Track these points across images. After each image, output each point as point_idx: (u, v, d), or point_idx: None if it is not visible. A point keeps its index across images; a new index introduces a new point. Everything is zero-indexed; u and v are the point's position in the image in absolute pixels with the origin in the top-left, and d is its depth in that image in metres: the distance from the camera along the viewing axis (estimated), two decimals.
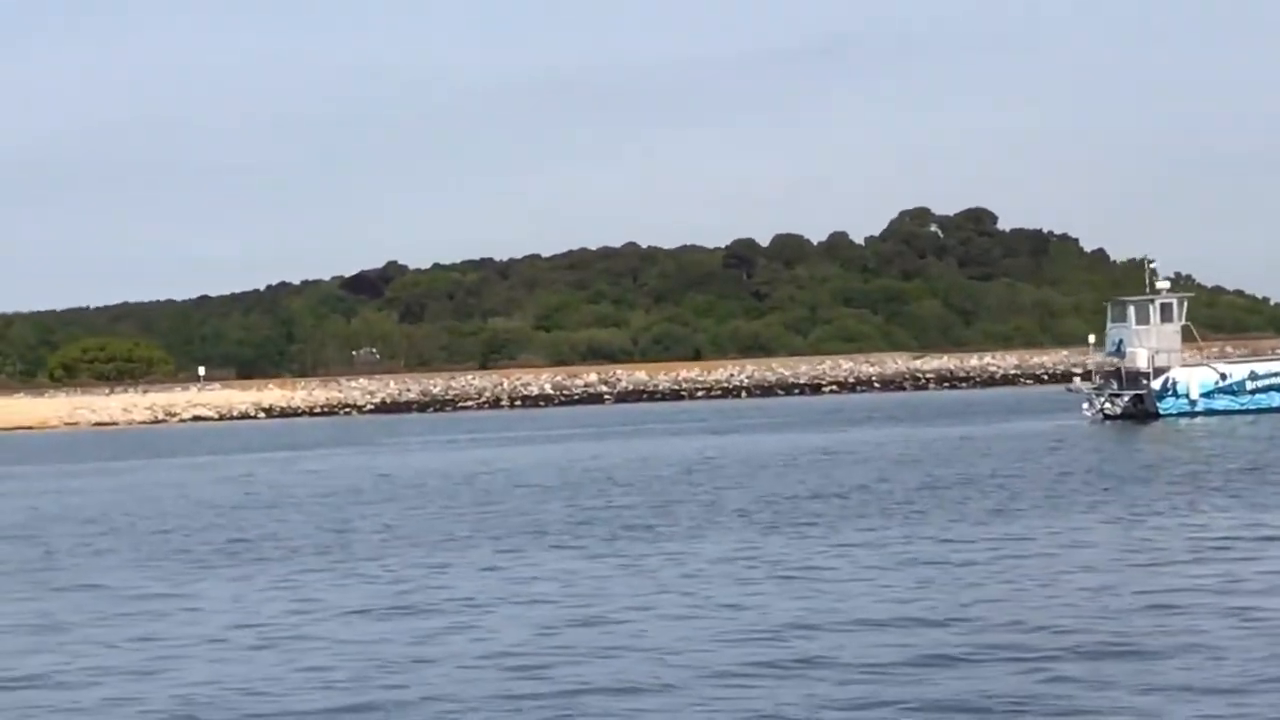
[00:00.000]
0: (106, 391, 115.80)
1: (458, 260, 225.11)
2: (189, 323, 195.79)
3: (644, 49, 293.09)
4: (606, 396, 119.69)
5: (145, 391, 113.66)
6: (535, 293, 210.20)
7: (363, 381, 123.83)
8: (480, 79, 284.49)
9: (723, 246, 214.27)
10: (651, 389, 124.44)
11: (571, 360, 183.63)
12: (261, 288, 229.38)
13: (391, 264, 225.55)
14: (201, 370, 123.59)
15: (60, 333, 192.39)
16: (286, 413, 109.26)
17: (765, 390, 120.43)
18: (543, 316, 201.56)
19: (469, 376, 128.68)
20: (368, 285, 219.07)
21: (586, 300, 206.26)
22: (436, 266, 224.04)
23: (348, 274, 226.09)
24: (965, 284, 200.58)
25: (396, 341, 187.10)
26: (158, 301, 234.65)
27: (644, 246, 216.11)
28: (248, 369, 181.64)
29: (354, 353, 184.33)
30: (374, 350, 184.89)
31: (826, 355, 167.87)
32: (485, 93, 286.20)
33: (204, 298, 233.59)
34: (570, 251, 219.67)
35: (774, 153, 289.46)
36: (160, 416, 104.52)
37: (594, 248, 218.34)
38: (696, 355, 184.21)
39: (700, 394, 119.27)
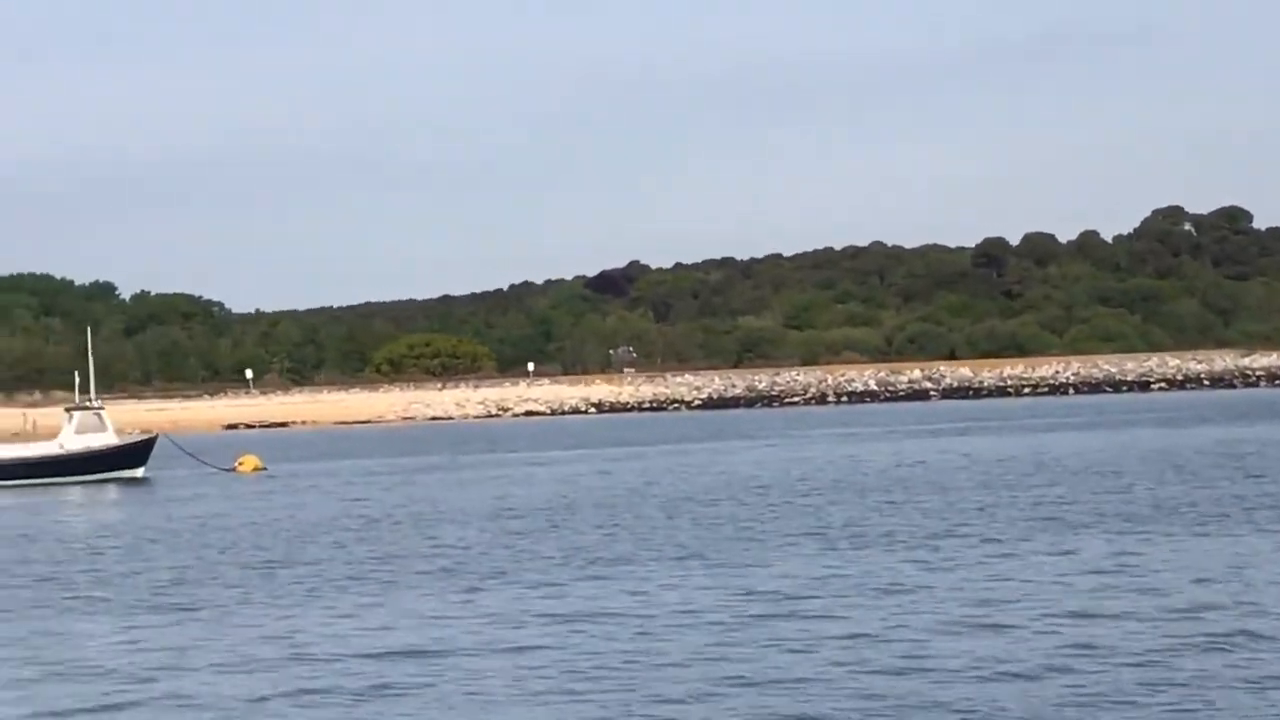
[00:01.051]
0: (439, 387, 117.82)
1: (699, 260, 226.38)
2: (451, 321, 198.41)
3: (876, 45, 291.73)
4: (932, 393, 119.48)
5: (476, 387, 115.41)
6: (782, 292, 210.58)
7: (688, 377, 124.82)
8: (712, 78, 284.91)
9: (968, 246, 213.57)
10: (976, 385, 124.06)
11: (825, 359, 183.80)
12: (505, 287, 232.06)
13: (634, 263, 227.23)
14: (531, 366, 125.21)
15: (324, 331, 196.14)
16: (615, 408, 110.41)
17: (1092, 387, 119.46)
18: (792, 316, 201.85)
19: (793, 372, 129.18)
20: (612, 284, 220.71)
21: (834, 299, 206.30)
22: (679, 266, 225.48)
23: (589, 273, 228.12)
24: (1223, 283, 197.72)
25: (653, 340, 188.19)
26: (399, 301, 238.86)
27: (889, 245, 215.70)
28: (506, 366, 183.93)
29: (611, 351, 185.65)
30: (631, 349, 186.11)
31: (1085, 355, 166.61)
32: (718, 91, 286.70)
33: (446, 297, 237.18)
34: (815, 251, 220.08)
35: (1010, 151, 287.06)
36: (493, 411, 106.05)
37: (838, 247, 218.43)
38: (952, 354, 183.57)
39: (1026, 391, 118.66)
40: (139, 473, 63.40)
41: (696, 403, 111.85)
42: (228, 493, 53.26)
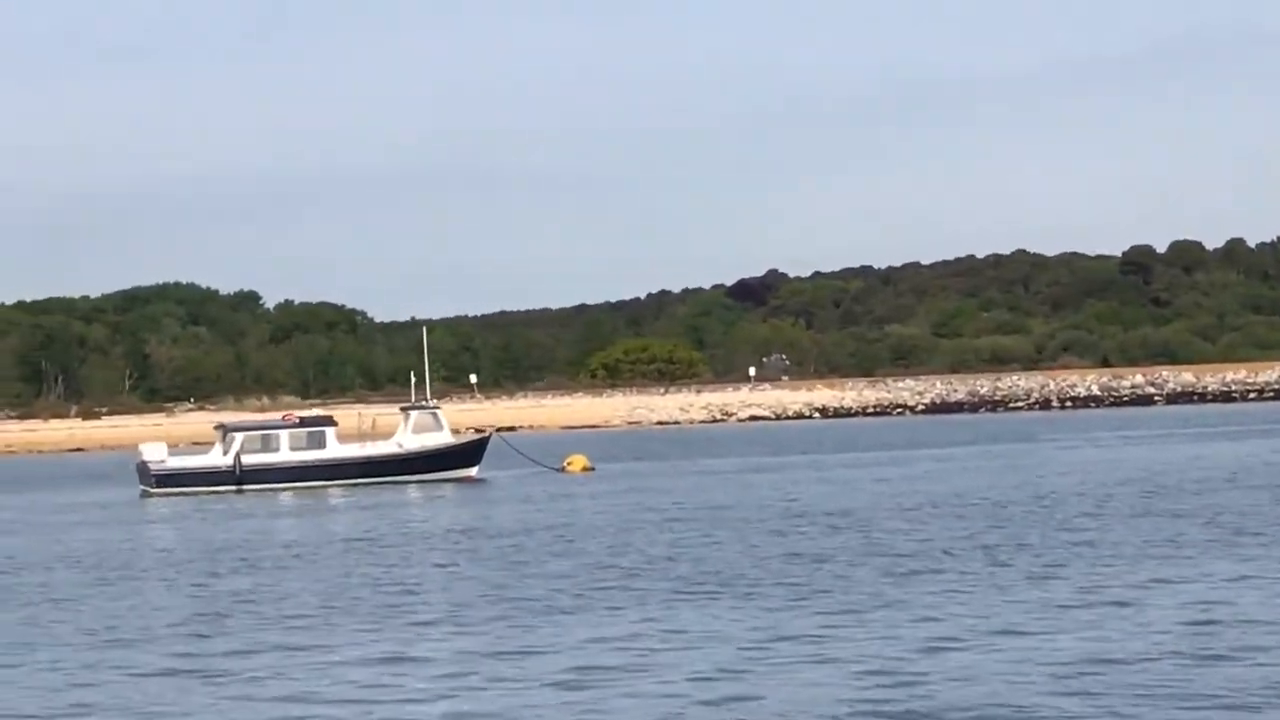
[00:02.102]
0: (661, 391, 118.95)
1: (838, 268, 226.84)
2: (601, 329, 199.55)
3: (1015, 53, 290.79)
4: (1156, 398, 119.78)
5: (699, 392, 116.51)
6: (925, 300, 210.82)
7: (909, 382, 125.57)
8: (848, 87, 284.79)
9: (1108, 254, 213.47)
10: (1201, 390, 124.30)
11: (974, 367, 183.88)
12: (642, 296, 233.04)
13: (772, 271, 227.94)
14: (752, 371, 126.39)
15: (479, 339, 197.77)
16: (839, 413, 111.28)
17: None
18: (939, 324, 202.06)
19: (1014, 378, 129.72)
20: (752, 292, 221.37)
21: (979, 307, 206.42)
22: (817, 274, 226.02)
23: (727, 282, 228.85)
24: None
25: (806, 348, 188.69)
26: (534, 310, 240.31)
27: (1032, 253, 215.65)
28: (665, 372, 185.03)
29: (764, 359, 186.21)
30: (784, 356, 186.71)
31: (1239, 363, 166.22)
32: (854, 101, 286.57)
33: (582, 306, 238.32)
34: (956, 259, 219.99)
35: (1152, 158, 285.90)
36: (717, 416, 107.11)
37: (980, 255, 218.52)
38: (1105, 362, 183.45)
39: (1252, 396, 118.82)
40: (473, 472, 64.31)
41: (920, 408, 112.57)
42: (589, 490, 53.93)
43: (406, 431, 64.91)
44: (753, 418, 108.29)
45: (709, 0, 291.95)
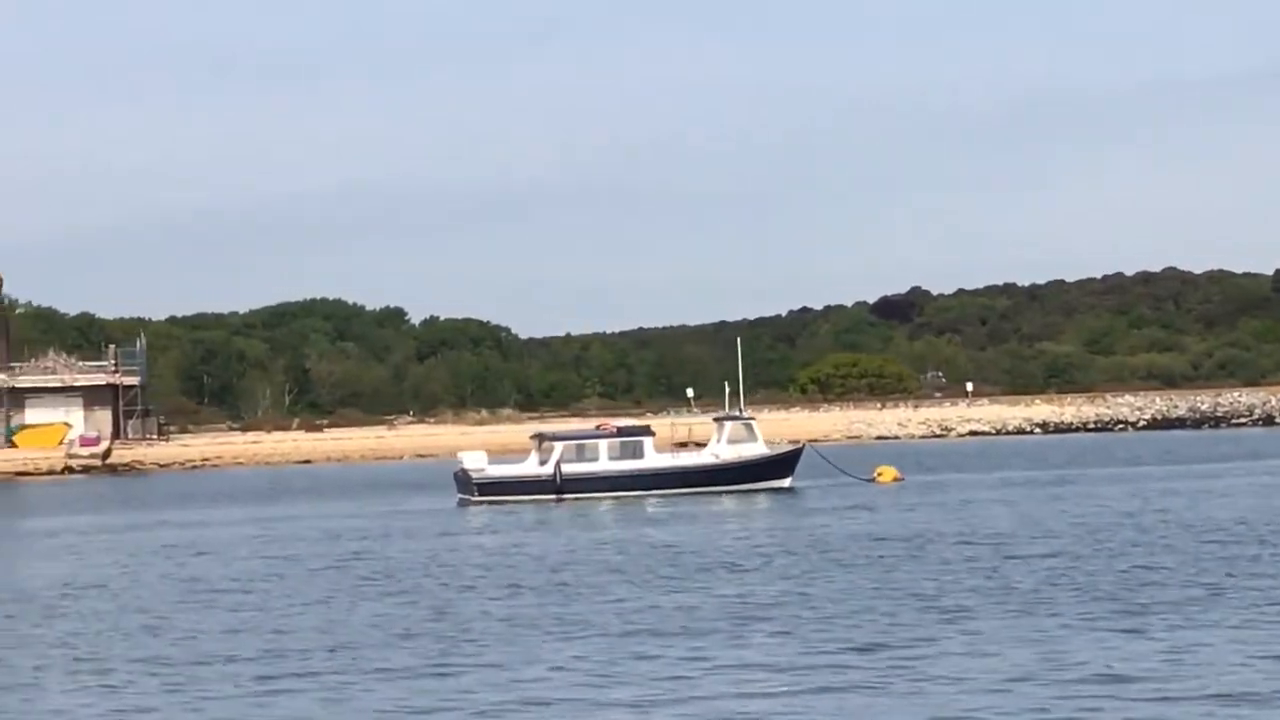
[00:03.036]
0: (878, 406, 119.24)
1: (980, 285, 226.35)
2: (757, 346, 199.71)
3: (1157, 68, 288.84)
4: None
5: (916, 407, 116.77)
6: (1074, 317, 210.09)
7: (1129, 398, 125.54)
8: (989, 104, 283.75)
9: (1257, 272, 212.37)
10: None
11: (1131, 384, 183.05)
12: (783, 313, 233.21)
13: (915, 289, 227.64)
14: (969, 386, 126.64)
15: (634, 355, 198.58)
16: (1060, 428, 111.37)
17: None
18: (1090, 341, 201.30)
19: (1235, 393, 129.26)
20: (897, 309, 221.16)
21: (1130, 325, 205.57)
22: (961, 291, 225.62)
23: (869, 299, 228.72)
24: None
25: (961, 365, 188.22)
26: (670, 327, 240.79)
27: (1183, 270, 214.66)
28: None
29: (921, 376, 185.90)
30: (940, 373, 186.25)
31: None
32: (995, 117, 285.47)
33: (722, 323, 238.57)
34: (1105, 276, 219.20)
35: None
36: (936, 431, 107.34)
37: (1129, 273, 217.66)
38: (1263, 380, 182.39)
39: None
40: (786, 483, 64.65)
41: (1141, 423, 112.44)
42: (921, 501, 54.32)
43: (721, 442, 65.37)
44: (972, 433, 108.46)
45: (851, 18, 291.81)
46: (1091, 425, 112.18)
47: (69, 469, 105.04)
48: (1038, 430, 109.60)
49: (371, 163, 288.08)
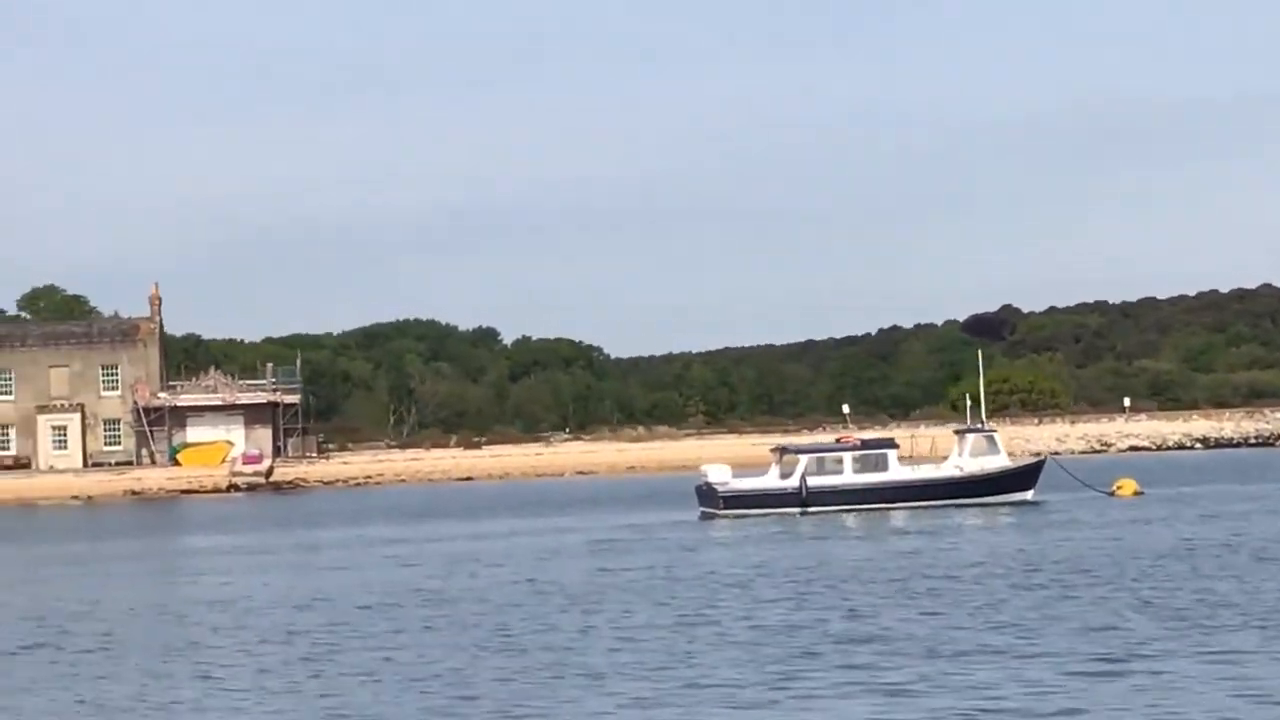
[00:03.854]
0: (1035, 422, 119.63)
1: (1072, 303, 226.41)
2: (857, 364, 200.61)
3: (1247, 83, 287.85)
4: None
5: (1073, 422, 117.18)
6: (1170, 335, 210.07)
7: None
8: (1075, 119, 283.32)
9: None
10: None
11: (1234, 402, 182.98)
12: (872, 331, 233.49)
13: (1006, 306, 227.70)
14: (1126, 401, 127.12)
15: (735, 374, 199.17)
16: (1220, 443, 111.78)
17: None
18: (1188, 358, 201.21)
19: None
20: (989, 328, 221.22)
21: (1227, 342, 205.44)
22: (1052, 309, 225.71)
23: (958, 317, 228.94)
24: None
25: (1064, 382, 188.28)
26: (757, 346, 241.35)
27: (1277, 286, 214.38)
28: (907, 409, 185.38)
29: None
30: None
31: None
32: (1081, 133, 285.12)
33: (809, 342, 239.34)
34: (1199, 294, 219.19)
35: None
36: (1095, 447, 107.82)
37: (1224, 290, 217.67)
38: None
39: None
40: (1028, 495, 65.05)
41: None
42: (1174, 515, 54.47)
43: (964, 454, 65.86)
44: (1132, 448, 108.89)
45: (939, 36, 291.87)
46: (1252, 440, 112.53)
47: (234, 487, 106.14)
48: (1198, 445, 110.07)
49: (461, 182, 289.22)
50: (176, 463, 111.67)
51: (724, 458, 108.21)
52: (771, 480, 65.75)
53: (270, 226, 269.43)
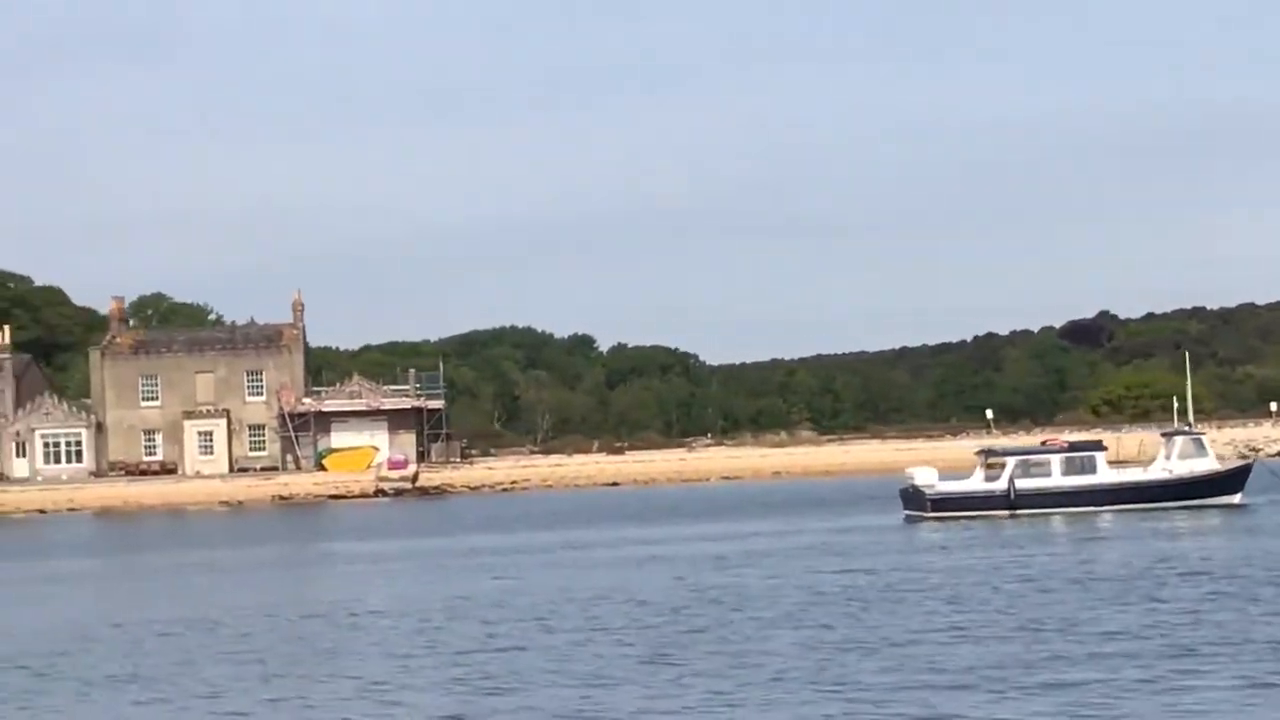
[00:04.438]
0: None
1: (1169, 309, 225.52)
2: (961, 371, 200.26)
3: None
4: None
5: (1219, 427, 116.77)
6: (1271, 340, 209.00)
7: None
8: (1173, 125, 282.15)
9: None
10: None
11: None
12: (968, 339, 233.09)
13: (1103, 313, 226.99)
14: (1274, 406, 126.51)
15: (841, 380, 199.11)
16: None
17: None
18: None
19: None
20: (1087, 334, 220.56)
21: None
22: (1150, 315, 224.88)
23: (1054, 324, 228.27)
24: None
25: (1165, 390, 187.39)
26: (849, 353, 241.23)
27: None
28: (1018, 415, 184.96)
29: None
30: None
31: None
32: (1178, 138, 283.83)
33: (904, 349, 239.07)
34: None
35: None
36: (1243, 452, 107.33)
37: None
38: None
39: None
40: (1236, 499, 64.76)
41: None
42: None
43: (1171, 457, 65.65)
44: (1277, 454, 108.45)
45: (1036, 41, 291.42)
46: None
47: (381, 492, 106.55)
48: None
49: (556, 192, 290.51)
50: (322, 468, 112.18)
51: (869, 464, 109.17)
52: (978, 483, 65.70)
53: (367, 236, 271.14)
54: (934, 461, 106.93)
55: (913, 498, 65.60)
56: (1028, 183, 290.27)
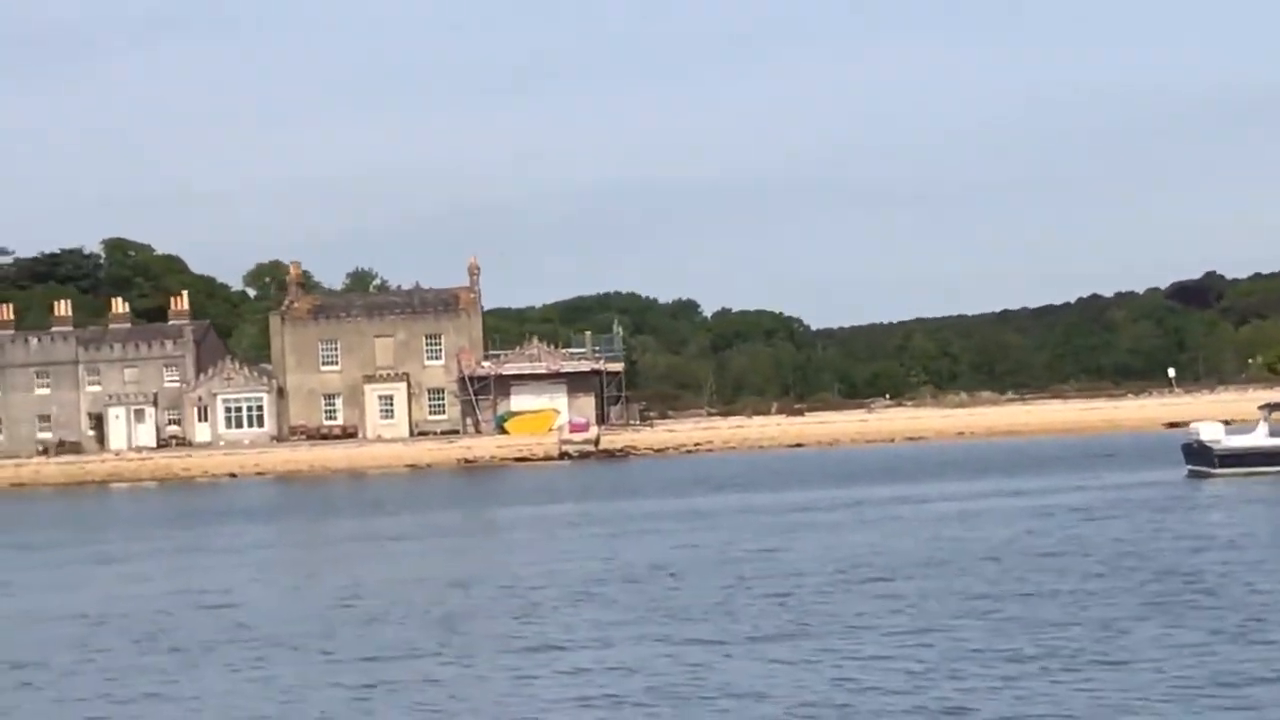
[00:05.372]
0: None
1: (1277, 268, 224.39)
2: (1077, 333, 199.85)
3: None
4: None
5: None
6: None
7: None
8: (1261, 83, 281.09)
9: None
10: None
11: None
12: (1071, 300, 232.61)
13: (1210, 274, 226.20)
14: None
15: (958, 344, 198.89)
16: None
17: None
18: None
19: None
20: (1196, 295, 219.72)
21: None
22: (1257, 275, 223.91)
23: (1159, 285, 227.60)
24: None
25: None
26: (949, 316, 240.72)
27: None
28: (1135, 377, 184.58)
29: (1249, 360, 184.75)
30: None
31: None
32: (1264, 97, 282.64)
33: (1005, 312, 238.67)
34: None
35: None
36: None
37: None
38: None
39: None
40: None
41: None
42: None
43: None
44: None
45: (1141, 5, 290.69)
46: None
47: (565, 455, 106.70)
48: None
49: (658, 157, 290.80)
50: (504, 431, 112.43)
51: (1054, 423, 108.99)
52: (1263, 437, 65.44)
53: (470, 203, 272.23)
54: (1122, 422, 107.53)
55: (1198, 453, 65.38)
56: (1133, 144, 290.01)
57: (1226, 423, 68.71)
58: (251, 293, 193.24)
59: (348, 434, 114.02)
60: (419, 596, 34.90)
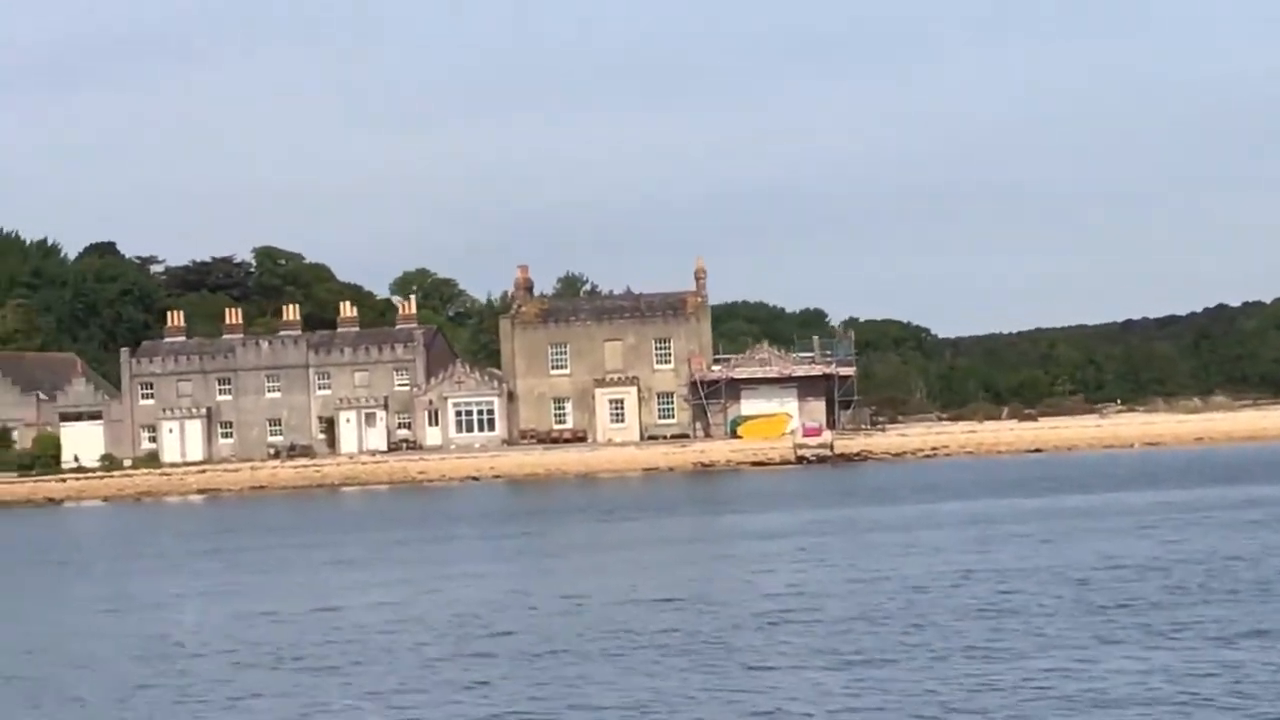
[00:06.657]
0: None
1: None
2: (1221, 343, 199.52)
3: None
4: None
5: None
6: None
7: None
8: None
9: None
10: None
11: None
12: (1198, 310, 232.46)
13: None
14: None
15: (1102, 351, 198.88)
16: None
17: None
18: None
19: None
20: None
21: None
22: None
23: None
24: None
25: None
26: (1072, 326, 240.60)
27: None
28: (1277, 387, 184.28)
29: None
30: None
31: None
32: None
33: (1128, 321, 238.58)
34: None
35: None
36: None
37: None
38: None
39: None
40: None
41: None
42: None
43: None
44: None
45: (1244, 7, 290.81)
46: None
47: (801, 459, 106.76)
48: None
49: (785, 164, 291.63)
50: (736, 435, 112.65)
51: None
52: None
53: (594, 209, 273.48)
54: None
55: None
56: (1253, 151, 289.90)
57: None
58: (398, 301, 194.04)
59: (577, 438, 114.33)
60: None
